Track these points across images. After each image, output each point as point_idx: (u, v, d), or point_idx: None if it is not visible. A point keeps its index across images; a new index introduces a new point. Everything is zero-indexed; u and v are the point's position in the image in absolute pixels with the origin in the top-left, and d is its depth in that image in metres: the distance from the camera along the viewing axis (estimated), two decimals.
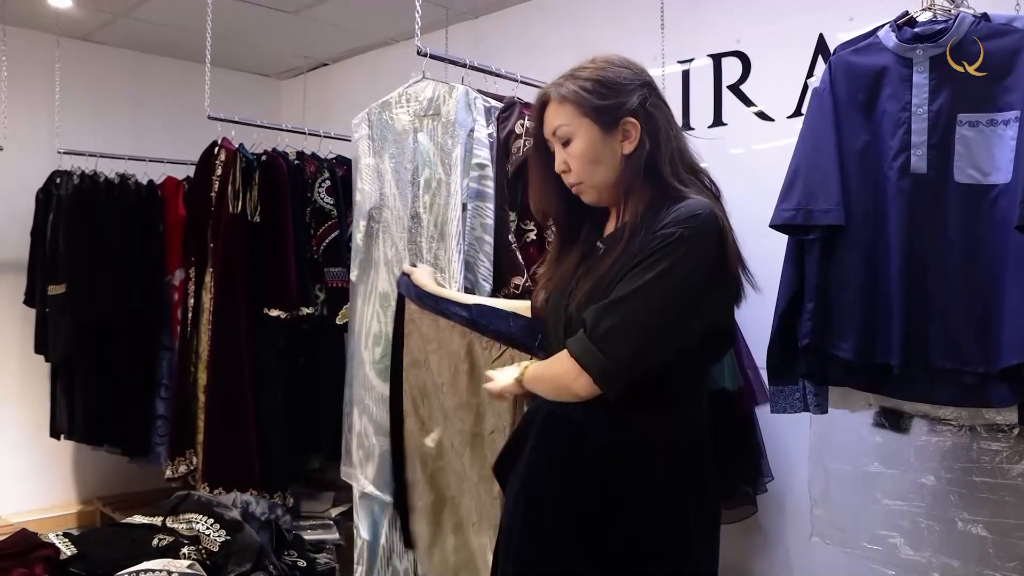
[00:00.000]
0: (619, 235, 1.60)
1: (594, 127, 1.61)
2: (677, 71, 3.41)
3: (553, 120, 1.65)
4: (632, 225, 1.57)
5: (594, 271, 1.61)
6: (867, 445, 2.12)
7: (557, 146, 1.67)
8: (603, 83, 1.61)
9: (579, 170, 1.64)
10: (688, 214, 1.50)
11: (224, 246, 3.23)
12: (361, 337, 2.63)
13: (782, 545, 3.14)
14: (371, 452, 2.56)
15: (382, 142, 2.58)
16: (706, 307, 1.52)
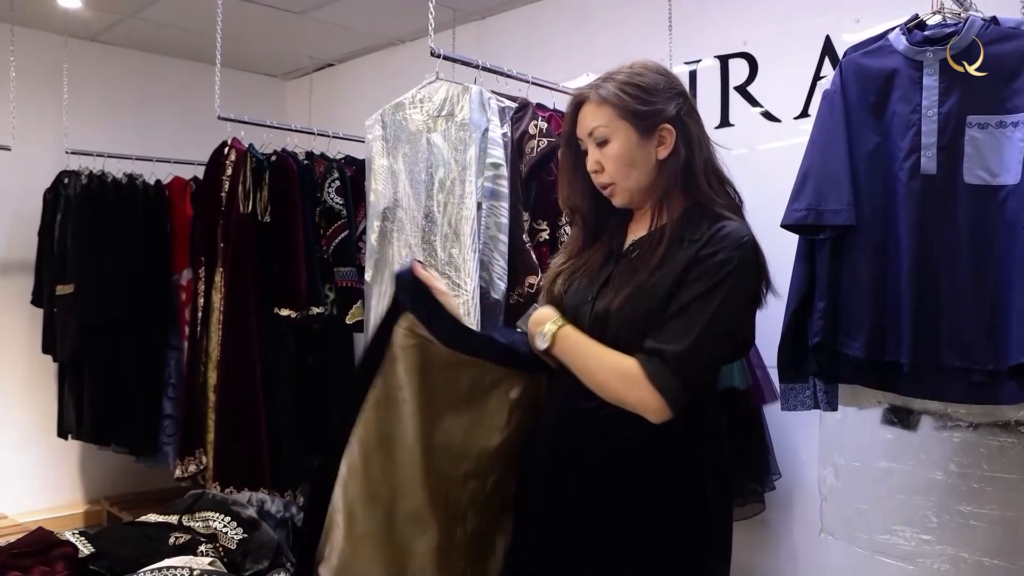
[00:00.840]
0: (655, 239, 1.65)
1: (632, 131, 1.65)
2: (684, 72, 3.45)
3: (590, 120, 1.68)
4: (672, 232, 1.63)
5: (632, 274, 1.64)
6: (877, 442, 2.17)
7: (591, 146, 1.69)
8: (643, 88, 1.65)
9: (613, 171, 1.68)
10: (737, 241, 1.59)
11: (235, 246, 3.27)
12: None
13: (789, 542, 3.18)
14: None
15: (396, 142, 2.63)
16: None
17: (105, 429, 4.06)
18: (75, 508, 4.47)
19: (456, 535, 1.68)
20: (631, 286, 1.61)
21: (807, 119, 3.10)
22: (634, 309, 1.60)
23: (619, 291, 1.63)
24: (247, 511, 2.18)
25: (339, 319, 3.39)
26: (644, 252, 1.66)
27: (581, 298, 1.69)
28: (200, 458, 3.41)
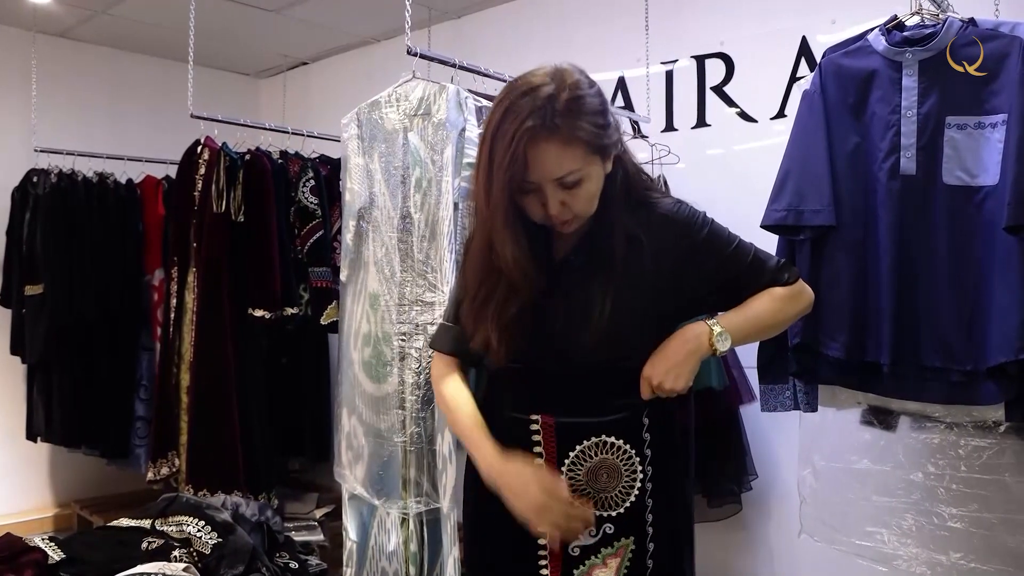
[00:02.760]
0: (602, 245, 1.58)
1: (600, 165, 1.52)
2: (661, 72, 3.43)
3: (559, 164, 1.46)
4: (618, 229, 1.57)
5: (589, 282, 1.57)
6: (856, 443, 2.15)
7: (553, 188, 1.48)
8: (599, 113, 1.49)
9: (584, 208, 1.53)
10: (689, 209, 1.64)
11: (208, 246, 3.21)
12: (350, 337, 2.62)
13: (766, 543, 3.17)
14: (360, 453, 2.56)
15: (371, 141, 2.58)
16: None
17: (75, 431, 3.97)
18: (45, 512, 4.38)
19: None
20: (610, 294, 1.54)
21: (784, 120, 3.10)
22: (623, 312, 1.55)
23: (587, 302, 1.55)
24: (221, 515, 2.13)
25: (314, 320, 3.34)
26: (594, 258, 1.58)
27: (535, 332, 1.59)
28: (173, 460, 3.35)
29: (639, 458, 1.59)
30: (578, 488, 1.58)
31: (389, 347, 2.48)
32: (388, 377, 2.48)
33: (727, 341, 1.57)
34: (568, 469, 1.58)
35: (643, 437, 1.60)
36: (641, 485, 1.60)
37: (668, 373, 1.53)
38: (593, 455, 1.58)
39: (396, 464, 2.45)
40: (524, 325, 1.58)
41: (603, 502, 1.59)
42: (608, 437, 1.58)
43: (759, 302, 1.63)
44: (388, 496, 2.48)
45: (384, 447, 2.48)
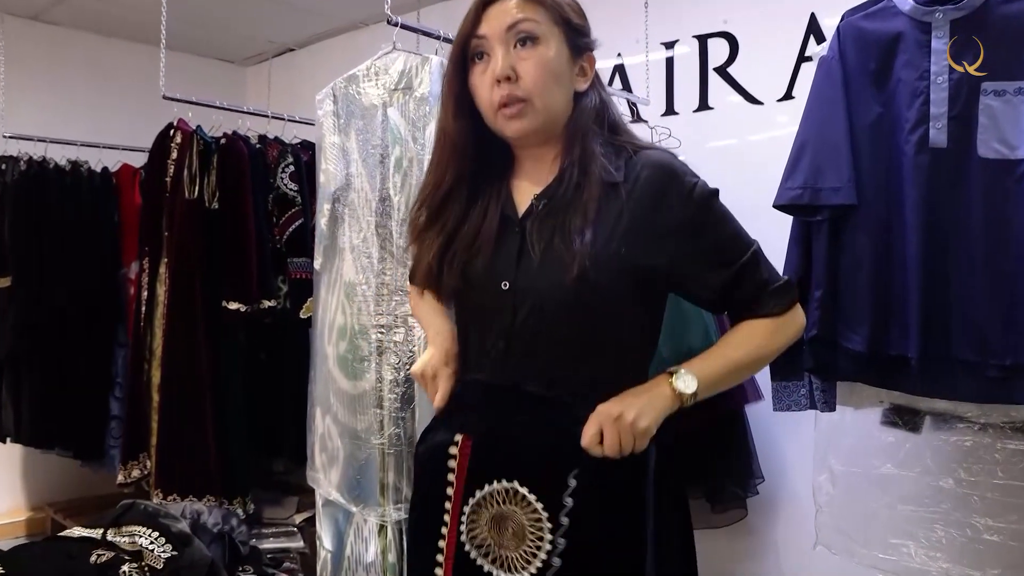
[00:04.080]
0: (569, 183, 1.34)
1: (563, 42, 1.36)
2: (661, 54, 3.22)
3: (511, 13, 1.32)
4: (589, 168, 1.34)
5: (557, 232, 1.32)
6: (878, 445, 1.93)
7: (503, 48, 1.32)
8: (578, 7, 1.43)
9: (535, 80, 1.32)
10: (684, 167, 1.39)
11: (179, 234, 2.98)
12: (324, 330, 2.39)
13: (773, 551, 2.95)
14: (335, 455, 2.33)
15: (348, 118, 2.35)
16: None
17: (46, 432, 3.74)
18: (17, 515, 4.15)
19: None
20: (575, 249, 1.28)
21: (791, 101, 2.89)
22: (613, 254, 1.31)
23: (554, 259, 1.30)
24: (178, 525, 1.90)
25: (292, 313, 3.10)
26: (561, 202, 1.33)
27: (488, 280, 1.36)
28: (144, 463, 3.13)
29: (551, 525, 1.28)
30: (478, 535, 1.33)
31: (366, 340, 2.25)
32: (365, 373, 2.25)
33: (691, 382, 1.30)
34: (472, 511, 1.34)
35: (562, 501, 1.28)
36: (546, 559, 1.28)
37: (628, 407, 1.27)
38: (500, 502, 1.32)
39: (374, 467, 2.22)
40: (476, 271, 1.38)
41: (503, 561, 1.31)
42: (521, 487, 1.30)
43: (735, 340, 1.39)
44: (365, 502, 2.25)
45: (361, 449, 2.25)
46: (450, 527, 1.35)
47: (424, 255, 1.42)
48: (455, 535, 1.34)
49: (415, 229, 1.46)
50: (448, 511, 1.36)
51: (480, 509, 1.33)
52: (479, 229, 1.39)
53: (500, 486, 1.32)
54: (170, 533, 1.87)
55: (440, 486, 1.38)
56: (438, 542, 1.36)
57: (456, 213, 1.41)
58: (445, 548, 1.35)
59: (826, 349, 1.86)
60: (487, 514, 1.32)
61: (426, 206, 1.43)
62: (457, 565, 1.34)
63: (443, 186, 1.41)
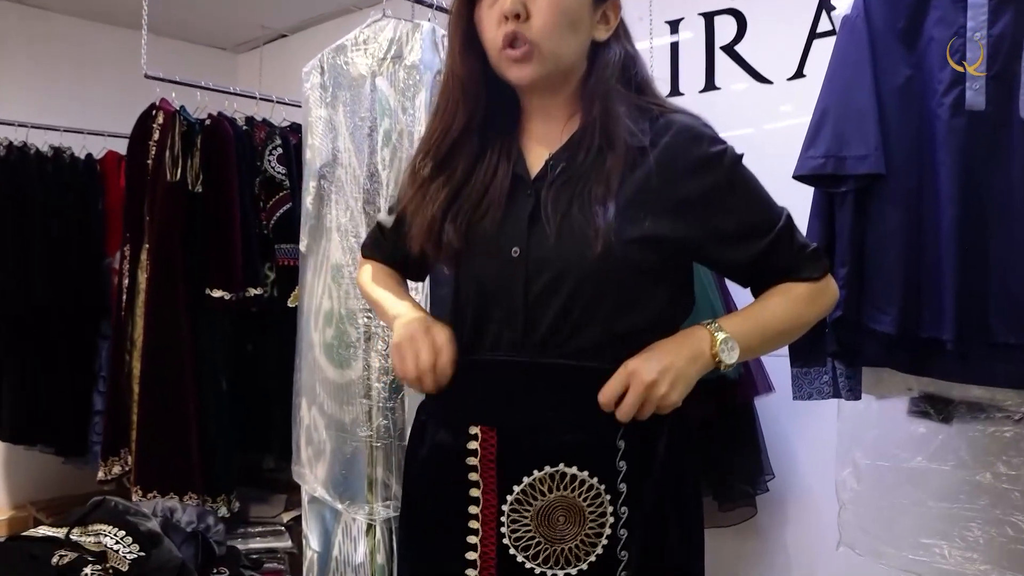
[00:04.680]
0: (590, 144, 1.18)
1: None
2: (665, 33, 3.05)
3: None
4: (614, 131, 1.18)
5: (576, 199, 1.16)
6: (908, 437, 1.75)
7: None
8: None
9: (548, 22, 1.15)
10: (714, 133, 1.23)
11: (160, 219, 2.81)
12: (311, 316, 2.22)
13: (783, 551, 2.77)
14: (321, 449, 2.16)
15: (336, 90, 2.19)
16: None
17: (28, 428, 3.58)
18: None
19: None
20: (597, 223, 1.13)
21: (803, 80, 2.73)
22: (632, 222, 1.15)
23: (574, 231, 1.14)
24: (147, 524, 1.73)
25: (280, 302, 2.93)
26: (580, 169, 1.18)
27: (496, 245, 1.20)
28: (126, 459, 2.97)
29: (610, 496, 1.16)
30: (524, 535, 1.17)
31: (354, 326, 2.08)
32: (352, 361, 2.08)
33: (733, 352, 1.17)
34: (512, 510, 1.17)
35: (616, 467, 1.16)
36: (612, 533, 1.16)
37: (663, 374, 1.12)
38: (546, 491, 1.16)
39: (361, 462, 2.05)
40: (481, 233, 1.21)
41: (559, 556, 1.16)
42: (568, 467, 1.15)
43: (773, 303, 1.24)
44: (352, 499, 2.08)
45: (347, 442, 2.08)
46: (484, 534, 1.17)
47: (425, 208, 1.24)
48: (494, 540, 1.17)
49: (416, 180, 1.27)
50: (477, 516, 1.18)
51: (523, 505, 1.16)
52: (487, 187, 1.22)
53: (543, 473, 1.16)
54: (138, 532, 1.71)
55: (458, 490, 1.20)
56: (465, 554, 1.18)
57: (465, 165, 1.24)
58: (481, 558, 1.18)
59: (851, 332, 1.69)
60: (532, 509, 1.16)
61: (431, 154, 1.26)
62: (503, 574, 1.17)
63: (452, 131, 1.24)
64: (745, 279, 1.29)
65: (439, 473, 1.23)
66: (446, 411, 1.24)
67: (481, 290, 1.21)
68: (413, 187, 1.27)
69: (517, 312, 1.17)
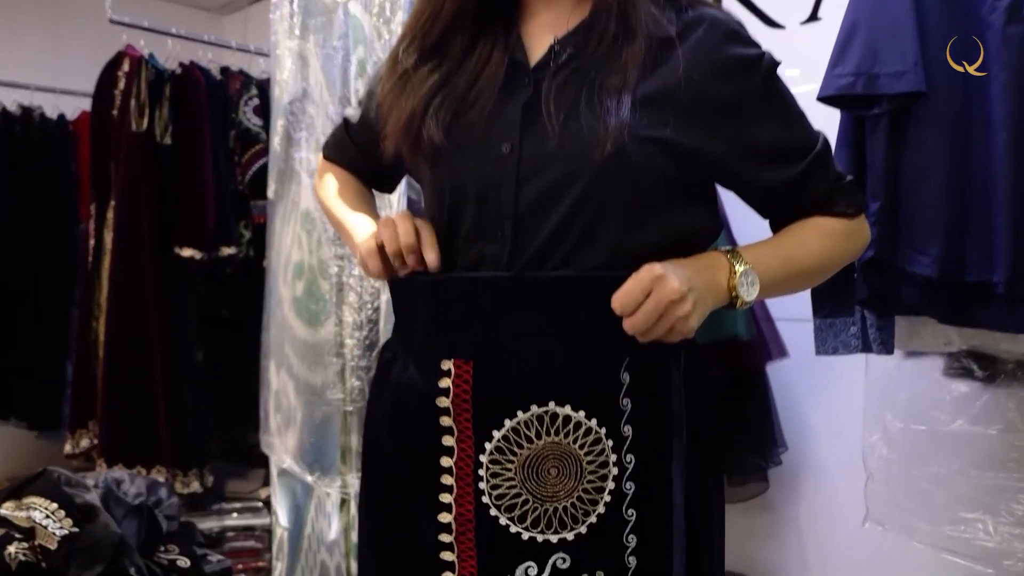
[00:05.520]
0: (603, 30, 0.96)
1: None
2: None
3: None
4: (632, 14, 0.96)
5: (583, 92, 0.94)
6: (946, 396, 1.53)
7: None
8: None
9: None
10: (749, 35, 1.04)
11: (126, 172, 2.60)
12: (279, 268, 2.00)
13: (795, 528, 2.56)
14: (291, 416, 1.94)
15: (306, 19, 1.95)
16: None
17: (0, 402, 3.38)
18: None
19: None
20: (608, 120, 0.91)
21: (818, 23, 2.48)
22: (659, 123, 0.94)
23: (579, 127, 0.93)
24: (85, 496, 1.51)
25: (257, 263, 2.71)
26: (592, 57, 0.96)
27: (483, 140, 0.98)
28: (95, 431, 2.77)
29: (612, 442, 0.94)
30: (507, 492, 0.94)
31: (326, 279, 1.85)
32: (323, 318, 1.85)
33: (753, 288, 0.96)
34: (492, 461, 0.94)
35: (619, 406, 0.94)
36: (616, 487, 0.94)
37: (690, 292, 0.90)
38: (533, 437, 0.93)
39: (333, 429, 1.83)
40: (466, 126, 0.98)
41: (550, 518, 0.94)
42: (560, 407, 0.93)
43: (802, 238, 1.04)
44: (324, 471, 1.86)
45: (318, 408, 1.86)
46: (459, 491, 0.95)
47: (404, 101, 1.01)
48: (472, 499, 0.94)
49: (396, 70, 1.05)
50: (450, 470, 0.95)
51: (505, 455, 0.94)
52: (478, 76, 1.00)
53: (529, 415, 0.93)
54: (72, 506, 1.49)
55: (427, 440, 0.97)
56: (438, 516, 0.96)
57: (455, 54, 1.02)
58: (456, 520, 0.95)
59: (884, 276, 1.46)
60: (517, 460, 0.94)
61: (417, 41, 1.04)
62: (484, 540, 0.94)
63: (443, 15, 1.02)
64: (770, 208, 1.08)
65: (405, 422, 1.01)
66: (416, 342, 1.01)
67: (461, 195, 0.99)
68: (392, 78, 1.05)
69: (504, 222, 0.96)
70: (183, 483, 2.59)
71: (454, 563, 0.95)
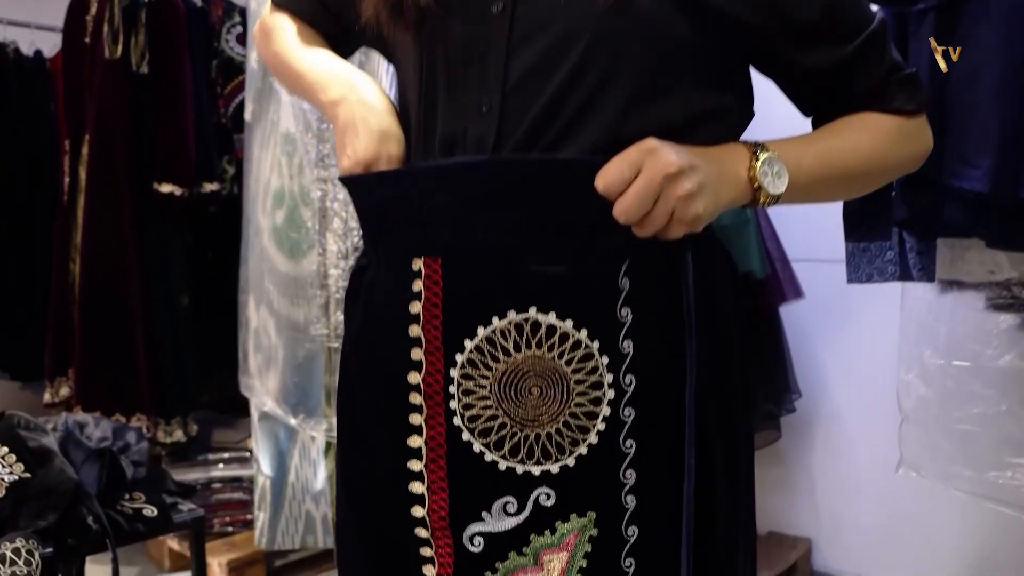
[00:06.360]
0: None
1: None
2: None
3: None
4: None
5: None
6: (994, 330, 1.36)
7: None
8: None
9: None
10: None
11: (101, 103, 2.42)
12: (258, 196, 1.83)
13: (808, 480, 2.43)
14: (272, 355, 1.78)
15: None
16: None
17: None
18: None
19: None
20: None
21: None
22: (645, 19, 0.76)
23: None
24: (41, 439, 1.36)
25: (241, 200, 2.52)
26: None
27: (473, 3, 0.81)
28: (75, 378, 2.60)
29: (608, 359, 0.77)
30: (480, 418, 0.77)
31: (308, 206, 1.69)
32: (306, 248, 1.68)
33: (779, 180, 0.78)
34: (464, 376, 0.77)
35: (617, 316, 0.77)
36: (612, 413, 0.77)
37: (691, 170, 0.73)
38: (511, 348, 0.77)
39: (317, 368, 1.68)
40: (476, 39, 0.80)
41: (531, 446, 0.77)
42: (543, 313, 0.76)
43: (846, 132, 0.85)
44: (308, 412, 1.72)
45: (301, 345, 1.69)
46: (429, 411, 0.79)
47: None
48: (443, 419, 0.78)
49: None
50: (418, 387, 0.79)
51: (478, 370, 0.77)
52: None
53: (506, 322, 0.76)
54: (25, 450, 1.34)
55: (396, 353, 0.81)
56: (407, 439, 0.80)
57: None
58: (427, 444, 0.79)
59: (927, 193, 1.30)
60: (492, 375, 0.77)
61: None
62: (456, 469, 0.79)
63: None
64: (814, 101, 0.88)
65: (373, 335, 0.84)
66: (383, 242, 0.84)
67: (443, 64, 0.82)
68: None
69: (490, 95, 0.78)
70: (166, 432, 2.44)
71: (424, 496, 0.79)
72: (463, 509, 0.78)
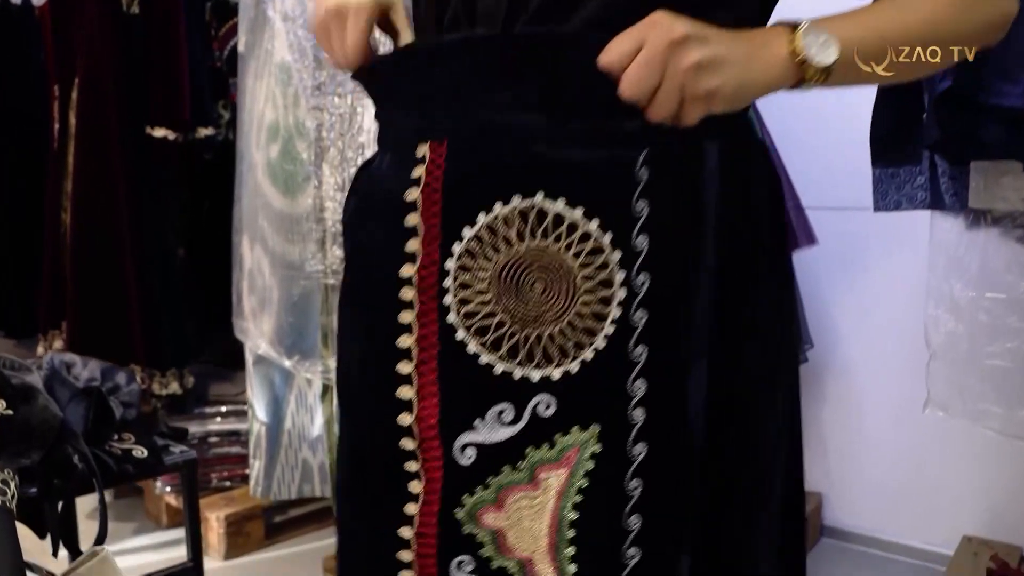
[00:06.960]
0: None
1: None
2: None
3: None
4: None
5: None
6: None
7: None
8: None
9: None
10: None
11: (89, 44, 2.32)
12: (252, 131, 1.74)
13: (818, 433, 2.35)
14: (267, 296, 1.70)
15: None
16: None
17: None
18: None
19: None
20: None
21: None
22: None
23: None
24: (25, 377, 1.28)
25: None
26: None
27: None
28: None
29: (620, 255, 0.68)
30: (477, 315, 0.69)
31: (304, 140, 1.59)
32: (302, 183, 1.59)
33: (827, 49, 0.67)
34: (460, 267, 0.69)
35: (632, 211, 0.68)
36: (622, 315, 0.68)
37: (701, 41, 0.65)
38: (513, 238, 0.68)
39: (313, 306, 1.60)
40: None
41: (532, 347, 0.69)
42: (551, 200, 0.68)
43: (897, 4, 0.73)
44: (304, 354, 1.63)
45: (296, 283, 1.61)
46: (422, 306, 0.70)
47: None
48: (436, 316, 0.70)
49: None
50: (411, 280, 0.71)
51: (476, 260, 0.69)
52: None
53: (509, 209, 0.68)
54: (7, 387, 1.26)
55: (391, 244, 0.72)
56: (398, 339, 0.72)
57: None
58: (418, 343, 0.71)
59: (963, 112, 1.20)
60: (491, 267, 0.69)
61: None
62: (448, 372, 0.70)
63: None
64: None
65: (366, 229, 0.76)
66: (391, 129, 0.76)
67: None
68: None
69: None
70: (161, 384, 2.36)
71: (412, 402, 0.71)
72: (454, 416, 0.69)
